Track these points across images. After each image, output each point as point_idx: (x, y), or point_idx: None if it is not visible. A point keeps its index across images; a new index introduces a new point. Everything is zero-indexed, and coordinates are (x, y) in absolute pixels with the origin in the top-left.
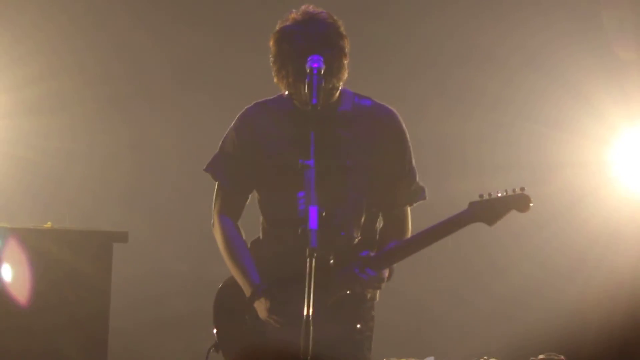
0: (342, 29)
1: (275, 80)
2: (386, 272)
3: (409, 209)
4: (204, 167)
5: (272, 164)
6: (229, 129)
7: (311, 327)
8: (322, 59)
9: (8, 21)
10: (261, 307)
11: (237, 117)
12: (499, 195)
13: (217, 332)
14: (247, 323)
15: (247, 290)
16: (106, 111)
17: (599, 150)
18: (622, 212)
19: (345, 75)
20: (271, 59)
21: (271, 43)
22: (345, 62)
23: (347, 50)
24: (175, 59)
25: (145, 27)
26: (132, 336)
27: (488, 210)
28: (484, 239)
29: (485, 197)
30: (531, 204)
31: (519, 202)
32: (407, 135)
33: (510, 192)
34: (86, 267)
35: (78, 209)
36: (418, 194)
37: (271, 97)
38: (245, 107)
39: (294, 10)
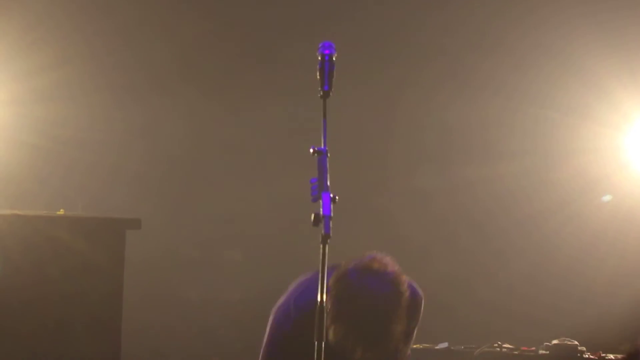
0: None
1: None
2: None
3: None
4: None
5: None
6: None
7: (325, 313)
8: (333, 46)
9: (20, 8)
10: None
11: None
12: None
13: None
14: None
15: None
16: (118, 99)
17: (612, 136)
18: (635, 197)
19: None
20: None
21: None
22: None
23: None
24: (188, 47)
25: (158, 14)
26: (145, 322)
27: None
28: (492, 227)
29: None
30: None
31: None
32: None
33: None
34: (99, 255)
35: (91, 196)
36: None
37: None
38: None
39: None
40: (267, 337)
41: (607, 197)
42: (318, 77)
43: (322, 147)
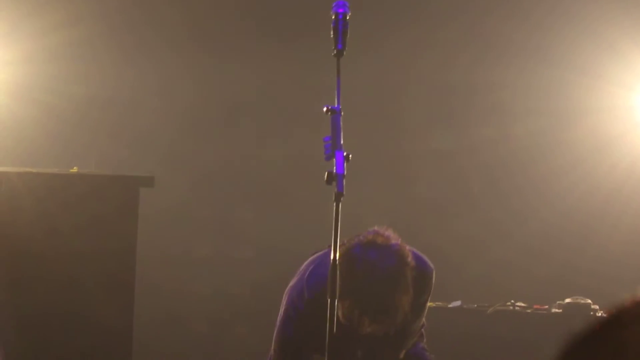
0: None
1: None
2: None
3: None
4: None
5: None
6: None
7: (337, 271)
8: (347, 4)
9: None
10: None
11: None
12: None
13: None
14: None
15: None
16: (130, 57)
17: (625, 95)
18: None
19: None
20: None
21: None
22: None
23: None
24: (200, 5)
25: None
26: (158, 281)
27: None
28: (506, 187)
29: None
30: None
31: None
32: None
33: None
34: (112, 213)
35: (104, 154)
36: None
37: None
38: None
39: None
40: (281, 316)
41: None
42: (332, 36)
43: (336, 105)
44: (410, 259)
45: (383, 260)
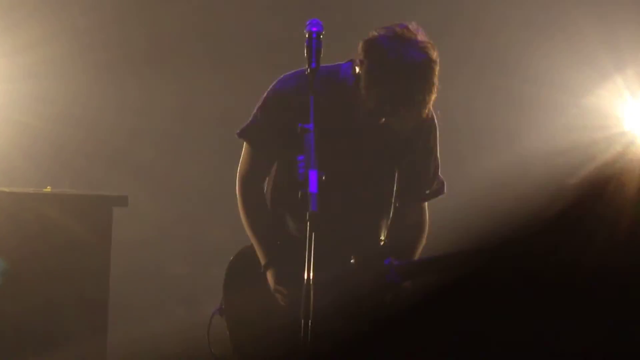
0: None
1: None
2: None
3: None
4: None
5: None
6: None
7: (312, 292)
8: (320, 23)
9: None
10: (271, 278)
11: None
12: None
13: (224, 297)
14: (258, 293)
15: (262, 259)
16: (105, 76)
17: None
18: None
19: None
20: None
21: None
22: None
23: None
24: (175, 22)
25: None
26: (132, 300)
27: None
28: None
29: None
30: None
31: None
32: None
33: None
34: (86, 232)
35: (78, 174)
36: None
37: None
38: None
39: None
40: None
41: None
42: (305, 55)
43: (310, 124)
44: (436, 56)
45: (412, 55)
